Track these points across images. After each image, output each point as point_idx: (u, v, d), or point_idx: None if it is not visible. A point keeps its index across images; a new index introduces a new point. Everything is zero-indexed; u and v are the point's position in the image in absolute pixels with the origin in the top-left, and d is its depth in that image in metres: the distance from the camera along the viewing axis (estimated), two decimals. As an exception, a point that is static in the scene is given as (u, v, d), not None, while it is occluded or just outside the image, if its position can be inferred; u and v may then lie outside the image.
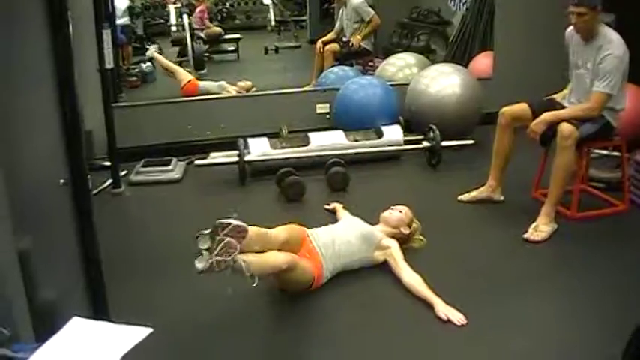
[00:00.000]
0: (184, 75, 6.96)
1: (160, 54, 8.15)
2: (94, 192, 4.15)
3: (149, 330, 1.28)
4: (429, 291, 3.15)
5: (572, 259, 3.66)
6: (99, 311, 2.43)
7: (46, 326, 1.93)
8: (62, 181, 2.31)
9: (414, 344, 2.89)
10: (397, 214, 3.63)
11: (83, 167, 2.36)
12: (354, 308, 3.20)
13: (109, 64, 4.70)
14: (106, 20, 4.90)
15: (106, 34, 4.65)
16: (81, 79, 2.35)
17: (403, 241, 3.60)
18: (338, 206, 4.20)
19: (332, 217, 4.05)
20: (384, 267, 3.43)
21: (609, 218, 4.14)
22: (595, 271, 3.48)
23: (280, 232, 3.24)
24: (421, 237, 3.71)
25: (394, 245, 3.46)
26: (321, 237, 3.43)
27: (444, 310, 3.02)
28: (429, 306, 3.09)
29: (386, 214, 3.65)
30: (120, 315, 2.33)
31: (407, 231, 3.62)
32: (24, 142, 2.17)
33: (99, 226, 2.48)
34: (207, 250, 2.81)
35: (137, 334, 1.26)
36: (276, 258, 3.02)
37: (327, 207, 4.30)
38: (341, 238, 3.45)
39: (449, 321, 2.97)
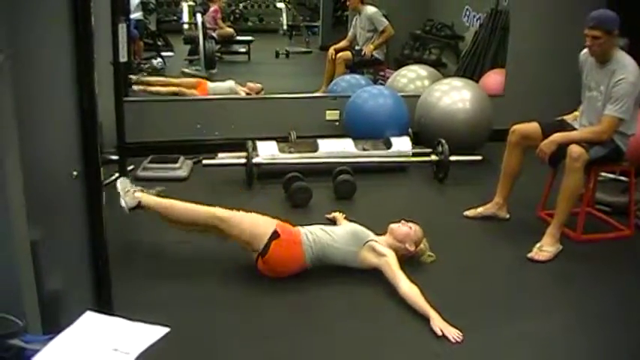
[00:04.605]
0: (192, 87, 6.84)
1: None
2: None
3: (166, 329, 1.27)
4: (426, 304, 3.10)
5: (574, 281, 3.65)
6: (103, 305, 2.43)
7: (52, 317, 1.93)
8: (75, 173, 2.31)
9: (408, 358, 2.88)
10: (405, 228, 3.60)
11: (97, 160, 2.36)
12: (350, 318, 3.18)
13: (123, 58, 4.71)
14: (122, 14, 4.91)
15: (122, 28, 4.65)
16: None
17: (406, 258, 3.55)
18: (338, 216, 4.19)
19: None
20: (380, 277, 3.39)
21: (614, 242, 4.14)
22: (597, 295, 3.48)
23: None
24: (431, 254, 3.69)
25: (390, 254, 3.40)
26: (309, 226, 3.58)
27: (439, 324, 2.99)
28: (426, 319, 3.05)
29: (394, 226, 3.62)
30: (120, 309, 2.33)
31: (412, 248, 3.57)
32: (40, 133, 2.17)
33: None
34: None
35: (154, 333, 1.25)
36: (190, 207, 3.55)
37: (327, 216, 4.28)
38: (328, 228, 3.56)
39: (443, 336, 2.93)
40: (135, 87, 6.43)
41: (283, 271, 3.41)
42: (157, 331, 1.27)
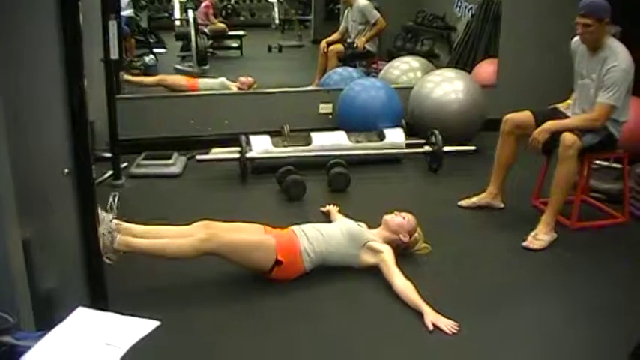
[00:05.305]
0: (178, 82, 6.83)
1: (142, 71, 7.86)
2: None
3: (156, 323, 1.27)
4: (420, 299, 3.11)
5: (570, 269, 3.67)
6: (98, 302, 2.43)
7: (45, 314, 1.93)
8: (66, 170, 2.30)
9: (407, 351, 2.89)
10: (399, 219, 3.61)
11: (88, 157, 2.35)
12: (346, 311, 3.19)
13: (114, 55, 4.70)
14: (113, 11, 4.89)
15: (112, 26, 4.64)
16: (85, 69, 2.34)
17: (401, 248, 3.57)
18: (332, 209, 4.18)
19: (329, 220, 4.02)
20: (377, 271, 3.40)
21: (609, 229, 4.15)
22: (593, 282, 3.49)
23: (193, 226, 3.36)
24: (427, 245, 3.69)
25: (386, 250, 3.41)
26: (303, 227, 3.50)
27: (433, 319, 2.99)
28: (421, 313, 3.06)
29: (387, 217, 3.63)
30: (116, 305, 2.33)
31: (406, 238, 3.58)
32: (30, 130, 2.16)
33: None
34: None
35: (144, 326, 1.25)
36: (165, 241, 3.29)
37: (322, 209, 4.28)
38: (326, 231, 3.49)
39: (438, 329, 2.94)
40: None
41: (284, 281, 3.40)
42: (148, 325, 1.27)
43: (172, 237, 3.33)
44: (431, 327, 2.96)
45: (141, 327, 1.26)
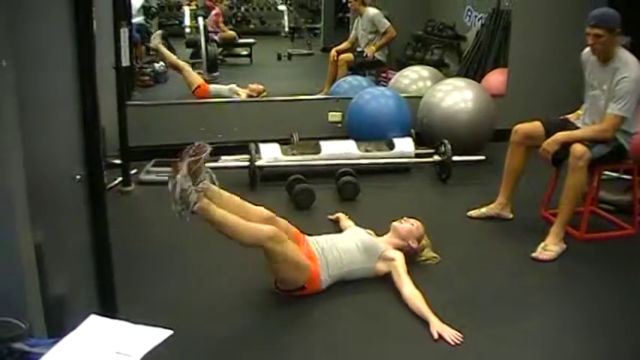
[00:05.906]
0: (194, 77, 6.96)
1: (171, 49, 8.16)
2: (105, 189, 4.15)
3: (169, 332, 1.27)
4: (427, 308, 3.10)
5: (579, 280, 3.65)
6: (108, 307, 2.43)
7: (56, 321, 1.93)
8: (78, 177, 2.31)
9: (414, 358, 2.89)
10: (408, 225, 3.62)
11: (100, 163, 2.36)
12: (356, 318, 3.18)
13: (125, 62, 4.72)
14: (124, 19, 4.93)
15: (124, 33, 4.67)
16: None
17: (410, 255, 3.56)
18: (341, 216, 4.18)
19: (338, 228, 4.03)
20: (384, 280, 3.40)
21: (618, 241, 4.13)
22: (602, 293, 3.47)
23: (266, 212, 3.34)
24: (435, 255, 3.70)
25: (398, 257, 3.42)
26: (321, 243, 3.46)
27: (438, 328, 2.98)
28: (428, 322, 3.05)
29: (396, 224, 3.63)
30: (125, 312, 2.34)
31: (415, 245, 3.59)
32: (43, 137, 2.17)
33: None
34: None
35: (157, 335, 1.25)
36: (251, 225, 3.12)
37: (330, 217, 4.28)
38: (342, 246, 3.46)
39: (442, 339, 2.92)
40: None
41: None
42: (160, 334, 1.27)
43: (242, 213, 3.23)
44: (436, 336, 2.95)
45: (153, 336, 1.26)
